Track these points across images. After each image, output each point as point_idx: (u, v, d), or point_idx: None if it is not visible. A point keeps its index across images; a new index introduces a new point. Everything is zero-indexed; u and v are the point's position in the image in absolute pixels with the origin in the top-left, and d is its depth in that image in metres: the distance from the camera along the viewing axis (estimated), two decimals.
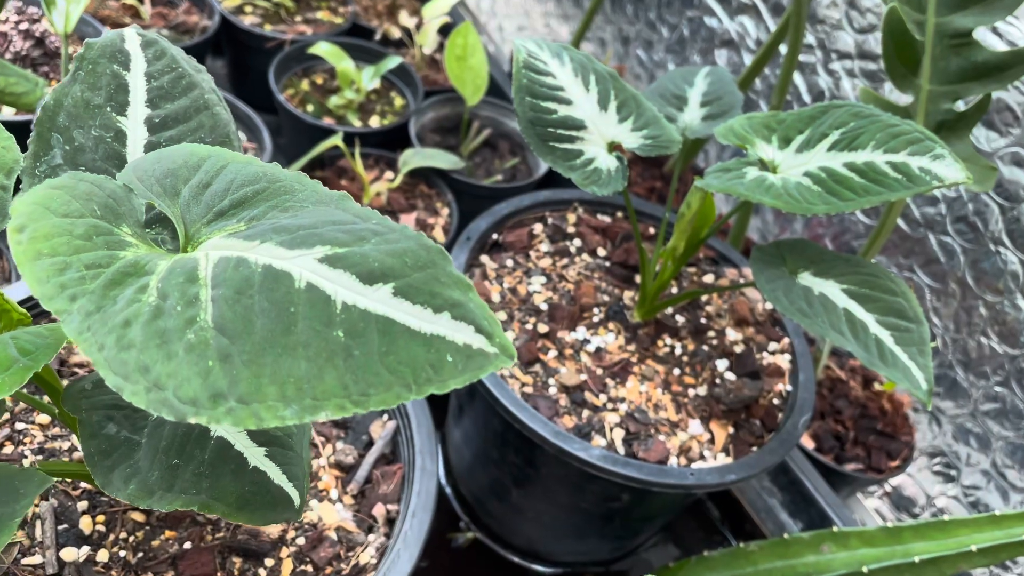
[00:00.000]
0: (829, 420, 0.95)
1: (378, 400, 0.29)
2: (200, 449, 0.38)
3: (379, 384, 0.29)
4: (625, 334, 0.79)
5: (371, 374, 0.29)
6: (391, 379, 0.29)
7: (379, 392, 0.29)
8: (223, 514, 0.37)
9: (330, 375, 0.29)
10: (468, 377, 0.30)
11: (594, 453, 0.66)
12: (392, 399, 0.29)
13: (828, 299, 0.64)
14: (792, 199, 0.60)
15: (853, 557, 0.78)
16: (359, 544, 0.59)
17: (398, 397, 0.29)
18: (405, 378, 0.30)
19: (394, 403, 0.29)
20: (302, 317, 0.30)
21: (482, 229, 0.83)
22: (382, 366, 0.30)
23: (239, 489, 0.38)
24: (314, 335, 0.30)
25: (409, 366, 0.30)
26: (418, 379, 0.30)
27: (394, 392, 0.29)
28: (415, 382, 0.30)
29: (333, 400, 0.29)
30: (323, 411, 0.29)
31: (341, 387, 0.29)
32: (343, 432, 0.66)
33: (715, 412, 0.75)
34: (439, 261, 0.32)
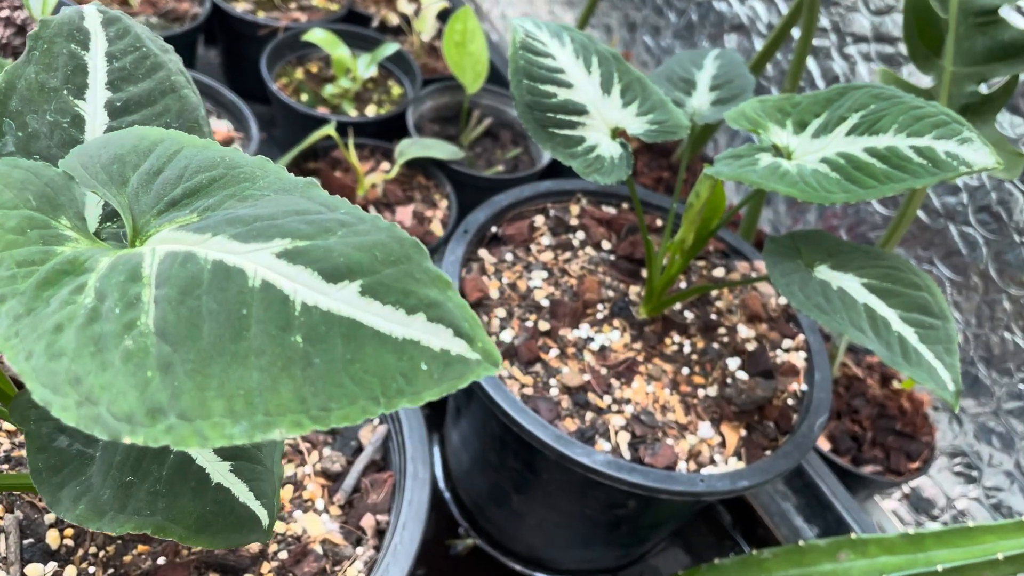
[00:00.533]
0: (846, 420, 0.91)
1: (341, 415, 0.25)
2: (158, 464, 0.35)
3: (342, 397, 0.25)
4: (631, 331, 0.75)
5: (333, 385, 0.26)
6: (356, 391, 0.26)
7: (342, 406, 0.25)
8: (180, 538, 0.34)
9: (286, 387, 0.25)
10: (446, 388, 0.26)
11: (598, 458, 0.62)
12: (357, 414, 0.25)
13: (847, 294, 0.60)
14: (808, 187, 0.56)
15: (872, 565, 0.74)
16: (346, 558, 0.55)
17: (364, 412, 0.25)
18: (372, 390, 0.26)
19: (359, 419, 0.25)
20: (256, 320, 0.26)
21: (480, 221, 0.79)
22: (346, 376, 0.26)
23: (199, 509, 0.34)
24: (269, 341, 0.26)
25: (377, 376, 0.26)
26: (387, 391, 0.26)
27: (359, 406, 0.25)
28: (384, 394, 0.26)
29: (289, 416, 0.25)
30: (277, 428, 0.25)
31: (298, 401, 0.25)
32: (330, 438, 0.62)
33: (726, 414, 0.71)
34: (414, 255, 0.29)
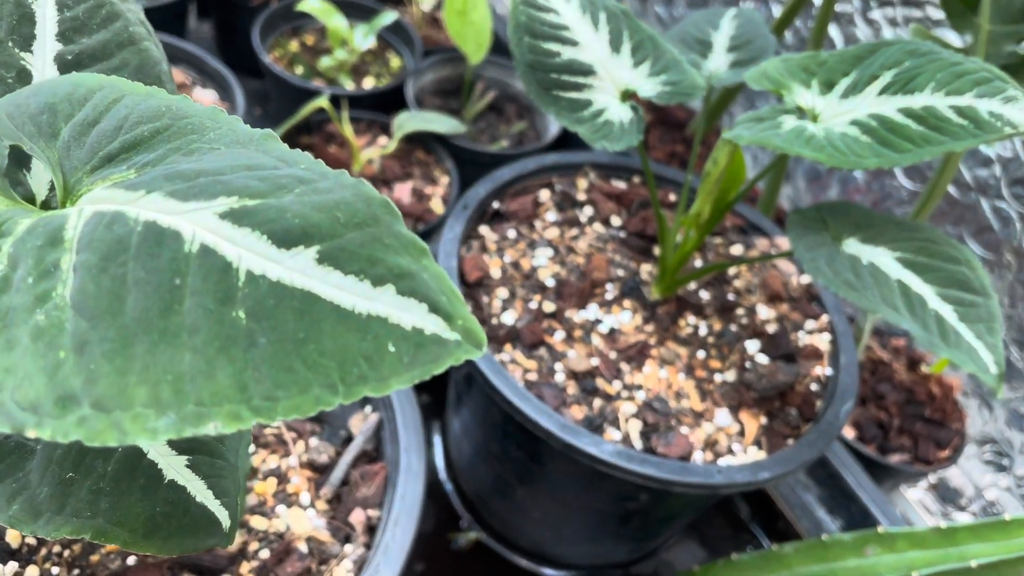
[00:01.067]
0: (871, 406, 0.86)
1: (289, 406, 0.21)
2: (103, 459, 0.30)
3: (292, 384, 0.21)
4: (642, 313, 0.71)
5: (281, 370, 0.21)
6: (309, 377, 0.21)
7: (291, 395, 0.21)
8: (124, 543, 0.29)
9: (224, 372, 0.21)
10: (418, 373, 0.22)
11: (607, 448, 0.58)
12: (309, 405, 0.21)
13: (879, 269, 0.55)
14: (837, 152, 0.51)
15: (901, 561, 0.70)
16: (333, 556, 0.51)
17: (318, 402, 0.21)
18: (329, 375, 0.21)
19: (311, 410, 0.21)
20: (191, 292, 0.22)
21: (481, 196, 0.74)
22: (298, 359, 0.21)
23: (148, 510, 0.30)
24: (205, 317, 0.22)
25: (335, 359, 0.21)
26: (347, 376, 0.21)
27: (312, 395, 0.21)
28: (343, 381, 0.21)
29: (226, 406, 0.21)
30: (211, 421, 0.20)
31: (238, 388, 0.21)
32: (318, 427, 0.58)
33: (745, 400, 0.66)
34: (383, 217, 0.24)
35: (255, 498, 0.52)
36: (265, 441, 0.55)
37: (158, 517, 0.30)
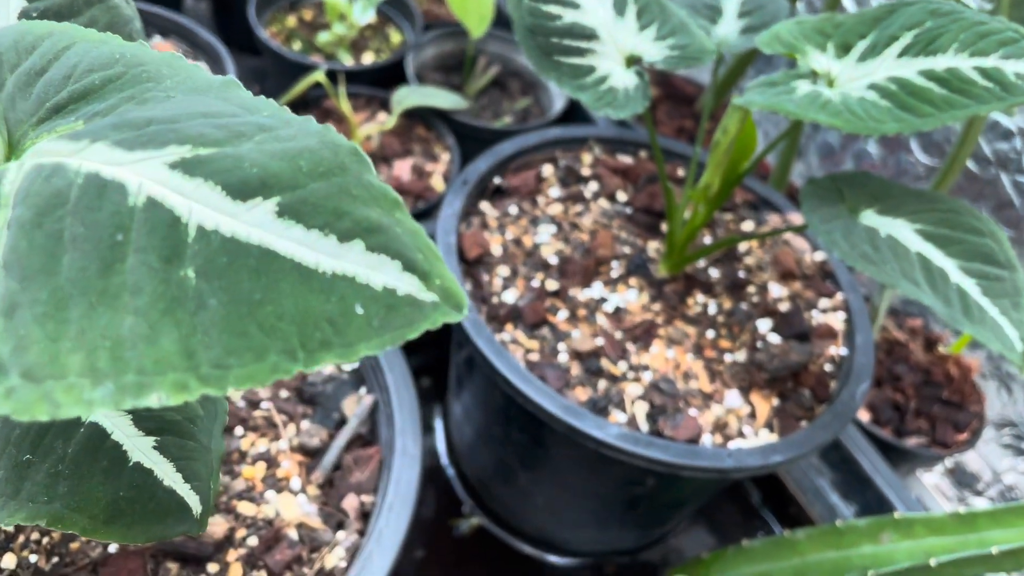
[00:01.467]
0: (887, 388, 0.83)
1: (242, 374, 0.18)
2: (64, 440, 0.28)
3: (245, 350, 0.19)
4: (649, 291, 0.68)
5: (234, 335, 0.19)
6: (265, 342, 0.19)
7: (245, 363, 0.18)
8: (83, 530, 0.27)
9: (169, 337, 0.19)
10: (390, 338, 0.19)
11: (611, 431, 0.55)
12: (265, 373, 0.18)
13: (898, 242, 0.52)
14: (854, 117, 0.48)
15: (918, 547, 0.67)
16: (325, 544, 0.49)
17: (274, 370, 0.19)
18: (288, 340, 0.19)
19: (267, 379, 0.18)
20: (135, 249, 0.19)
21: (482, 171, 0.72)
22: (252, 323, 0.19)
23: (110, 494, 0.28)
24: (149, 276, 0.19)
25: (296, 322, 0.19)
26: (309, 342, 0.19)
27: (268, 363, 0.19)
28: (304, 347, 0.19)
29: (170, 375, 0.18)
30: (153, 392, 0.18)
31: (184, 355, 0.18)
32: (310, 409, 0.55)
33: (756, 381, 0.63)
34: (352, 166, 0.21)
35: (243, 483, 0.50)
36: (254, 424, 0.53)
37: (121, 502, 0.28)
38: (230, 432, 0.52)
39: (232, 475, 0.50)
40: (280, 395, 0.55)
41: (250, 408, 0.54)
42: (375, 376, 0.57)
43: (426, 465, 0.83)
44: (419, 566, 0.75)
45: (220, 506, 0.48)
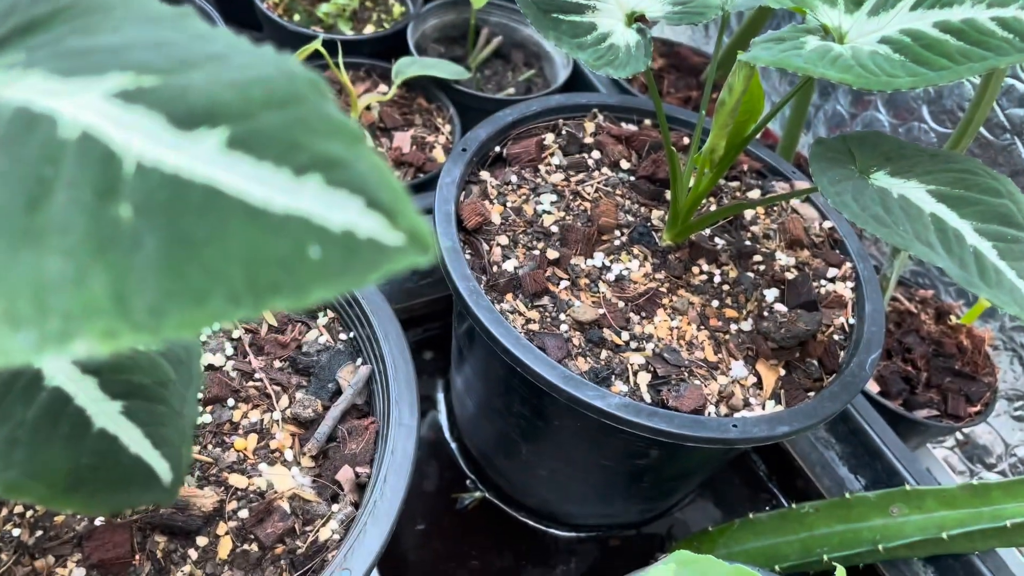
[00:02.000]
0: (897, 360, 0.81)
1: (180, 320, 0.17)
2: (23, 404, 0.27)
3: (184, 294, 0.17)
4: (653, 260, 0.66)
5: (172, 277, 0.17)
6: (207, 285, 0.17)
7: (183, 307, 0.17)
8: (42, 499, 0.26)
9: (99, 279, 0.17)
10: (348, 281, 0.18)
11: (613, 401, 0.54)
12: (205, 317, 0.17)
13: (911, 203, 0.50)
14: (866, 72, 0.46)
15: (930, 520, 0.65)
16: (319, 516, 0.48)
17: (217, 314, 0.17)
18: (232, 283, 0.17)
19: (206, 323, 0.17)
20: (65, 185, 0.18)
21: (481, 139, 0.70)
22: (194, 264, 0.17)
23: (71, 461, 0.26)
24: (80, 213, 0.17)
25: (242, 263, 0.17)
26: (256, 284, 0.17)
27: (210, 307, 0.17)
28: (250, 290, 0.17)
29: (99, 321, 0.16)
30: (79, 339, 0.16)
31: (115, 299, 0.17)
32: (304, 379, 0.54)
33: (763, 351, 0.61)
34: (310, 95, 0.20)
35: (234, 455, 0.49)
36: (246, 395, 0.52)
37: (83, 470, 0.26)
38: (221, 403, 0.51)
39: (223, 447, 0.49)
40: (274, 365, 0.54)
41: (242, 379, 0.53)
42: (371, 347, 0.56)
43: (429, 439, 0.82)
44: (422, 540, 0.74)
45: (210, 478, 0.47)
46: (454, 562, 0.73)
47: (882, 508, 0.66)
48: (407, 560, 0.72)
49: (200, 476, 0.47)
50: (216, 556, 0.44)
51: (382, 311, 0.56)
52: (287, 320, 0.56)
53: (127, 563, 0.42)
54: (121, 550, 0.42)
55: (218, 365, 0.52)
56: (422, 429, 0.82)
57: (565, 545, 0.76)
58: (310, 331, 0.56)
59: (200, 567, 0.44)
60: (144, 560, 0.43)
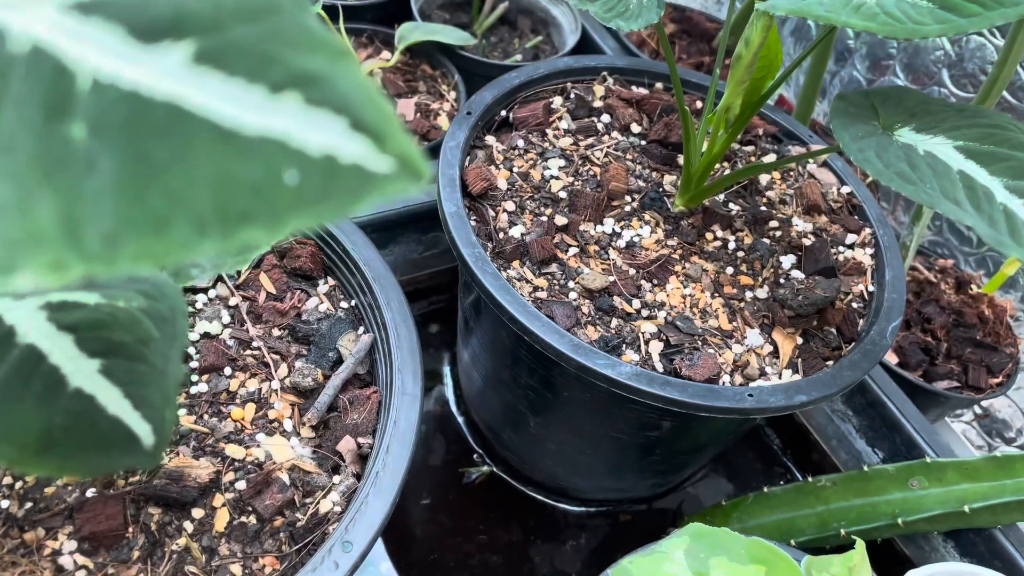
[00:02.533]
0: (916, 330, 0.79)
1: (137, 250, 0.15)
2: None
3: (142, 221, 0.15)
4: (664, 226, 0.64)
5: (129, 202, 0.15)
6: (168, 212, 0.15)
7: (141, 235, 0.15)
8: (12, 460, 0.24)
9: (46, 204, 0.15)
10: (329, 209, 0.16)
11: (624, 370, 0.52)
12: (166, 248, 0.15)
13: (937, 159, 0.47)
14: (892, 19, 0.44)
15: (950, 494, 0.63)
16: (319, 488, 0.46)
17: (179, 245, 0.15)
18: (197, 210, 0.15)
19: (169, 255, 0.15)
20: (12, 103, 0.16)
21: (487, 102, 0.67)
22: (154, 188, 0.15)
23: (43, 422, 0.24)
24: (27, 133, 0.16)
25: (209, 189, 0.15)
26: (225, 212, 0.15)
27: (172, 237, 0.15)
28: (219, 218, 0.15)
29: (46, 250, 0.15)
30: (22, 270, 0.14)
31: (64, 226, 0.15)
32: (304, 348, 0.52)
33: (779, 319, 0.59)
34: (287, 5, 0.18)
35: (231, 425, 0.47)
36: (244, 363, 0.50)
37: (56, 431, 0.25)
38: (218, 372, 0.49)
39: (220, 416, 0.47)
40: (272, 334, 0.52)
41: (240, 347, 0.51)
42: (373, 314, 0.54)
43: (435, 413, 0.80)
44: (428, 515, 0.73)
45: (206, 448, 0.46)
46: (461, 537, 0.71)
47: (902, 481, 0.65)
48: (413, 535, 0.71)
49: (196, 446, 0.45)
50: (212, 528, 0.43)
51: (384, 278, 0.54)
52: (286, 288, 0.54)
53: (120, 535, 0.41)
54: (113, 522, 0.41)
55: (214, 333, 0.50)
56: (428, 403, 0.80)
57: (575, 520, 0.75)
58: (310, 299, 0.55)
59: (196, 540, 0.42)
60: (137, 532, 0.42)
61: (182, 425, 0.46)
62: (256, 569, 0.42)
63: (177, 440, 0.45)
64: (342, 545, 0.41)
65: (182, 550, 0.42)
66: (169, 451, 0.44)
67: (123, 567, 0.40)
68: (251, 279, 0.54)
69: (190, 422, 0.46)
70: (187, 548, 0.42)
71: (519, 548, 0.72)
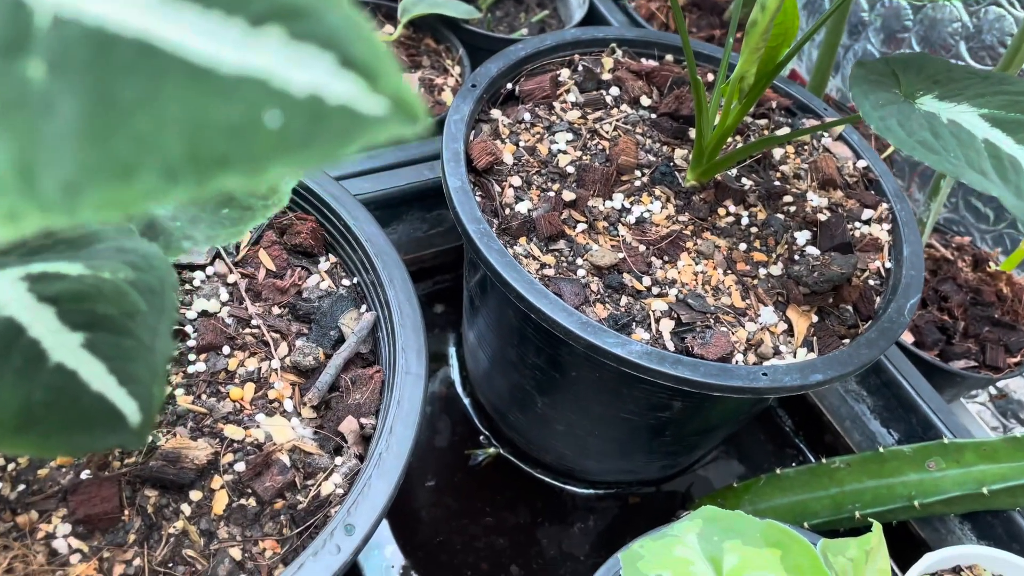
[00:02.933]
0: (933, 309, 0.77)
1: (102, 199, 0.13)
2: None
3: (106, 166, 0.13)
4: (675, 201, 0.62)
5: (93, 147, 0.13)
6: (136, 157, 0.13)
7: (105, 183, 0.13)
8: None
9: (1, 150, 0.13)
10: (314, 155, 0.14)
11: (634, 349, 0.50)
12: (133, 196, 0.13)
13: (961, 128, 0.45)
14: None
15: (968, 475, 0.62)
16: (321, 470, 0.45)
17: (146, 193, 0.13)
18: (167, 155, 0.14)
19: (135, 204, 0.13)
20: None
21: (492, 75, 0.65)
22: (120, 132, 0.14)
23: (21, 398, 0.23)
24: None
25: (180, 132, 0.14)
26: (198, 157, 0.14)
27: (139, 184, 0.13)
28: (191, 163, 0.14)
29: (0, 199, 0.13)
30: None
31: (19, 174, 0.13)
32: (304, 327, 0.51)
33: (794, 296, 0.58)
34: None
35: (230, 405, 0.46)
36: (243, 342, 0.49)
37: (36, 408, 0.23)
38: (216, 351, 0.48)
39: (218, 396, 0.46)
40: (272, 312, 0.51)
41: (239, 325, 0.49)
42: (376, 292, 0.52)
43: (440, 395, 0.79)
44: (434, 498, 0.71)
45: (204, 429, 0.44)
46: (467, 519, 0.70)
47: (918, 462, 0.63)
48: (418, 518, 0.70)
49: (193, 427, 0.44)
50: (211, 511, 0.42)
51: (387, 254, 0.53)
52: (286, 265, 0.53)
53: (115, 518, 0.40)
54: (109, 505, 0.40)
55: (212, 311, 0.49)
56: (433, 385, 0.79)
57: (583, 502, 0.74)
58: (310, 276, 0.53)
59: (194, 523, 0.41)
60: (133, 515, 0.40)
61: (179, 405, 0.44)
62: (256, 553, 0.41)
63: (174, 421, 0.44)
64: (344, 528, 0.40)
65: (179, 533, 0.41)
66: (166, 432, 0.43)
67: (119, 551, 0.39)
68: (250, 256, 0.53)
69: (187, 402, 0.45)
70: (185, 531, 0.41)
71: (526, 531, 0.71)
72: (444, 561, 0.67)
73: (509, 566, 0.68)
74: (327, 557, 0.39)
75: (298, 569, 0.38)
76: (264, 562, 0.41)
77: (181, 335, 0.47)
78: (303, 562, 0.38)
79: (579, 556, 0.70)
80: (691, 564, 0.43)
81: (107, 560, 0.39)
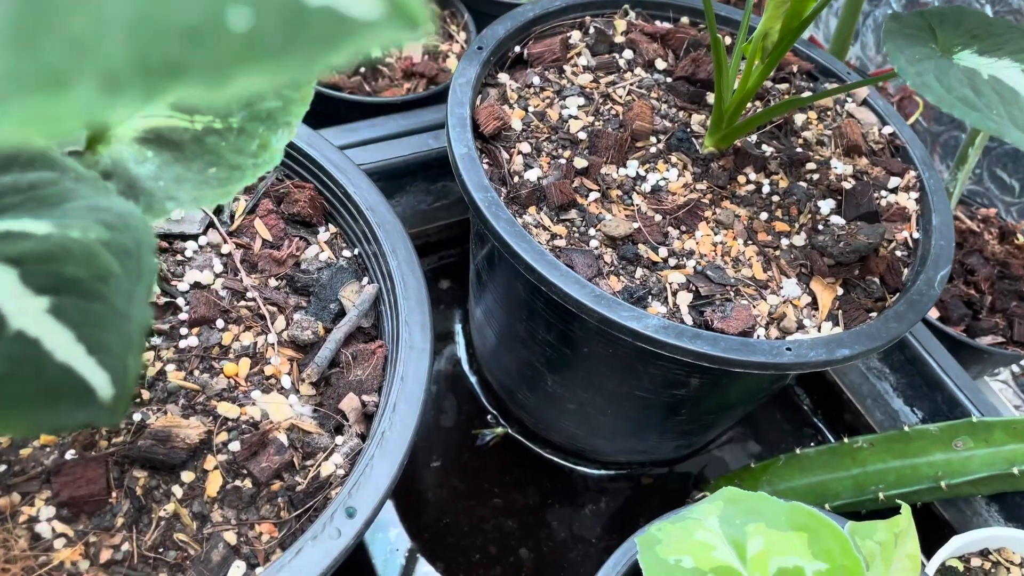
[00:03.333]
0: (959, 283, 0.74)
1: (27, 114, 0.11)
2: None
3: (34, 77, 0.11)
4: (693, 169, 0.59)
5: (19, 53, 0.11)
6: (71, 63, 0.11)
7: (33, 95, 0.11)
8: None
9: None
10: (291, 64, 0.11)
11: (650, 323, 0.47)
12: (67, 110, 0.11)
13: (1004, 84, 0.42)
14: None
15: (998, 455, 0.59)
16: (320, 449, 0.42)
17: (86, 105, 0.11)
18: (109, 61, 0.11)
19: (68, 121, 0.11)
20: None
21: (500, 37, 0.62)
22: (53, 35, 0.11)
23: None
24: None
25: (125, 34, 0.11)
26: (146, 63, 0.11)
27: (76, 95, 0.11)
28: (138, 71, 0.11)
29: None
30: None
31: None
32: (303, 300, 0.48)
33: (818, 267, 0.55)
34: None
35: (224, 381, 0.43)
36: (237, 315, 0.46)
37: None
38: (209, 324, 0.45)
39: (211, 372, 0.44)
40: (268, 284, 0.48)
41: (233, 298, 0.47)
42: (378, 263, 0.50)
43: (446, 373, 0.76)
44: (440, 479, 0.69)
45: (196, 407, 0.42)
46: (474, 500, 0.68)
47: (945, 442, 0.60)
48: (424, 499, 0.68)
49: (185, 404, 0.42)
50: (204, 493, 0.39)
51: (390, 224, 0.50)
52: (283, 234, 0.50)
53: (102, 501, 0.37)
54: (95, 486, 0.37)
55: (206, 283, 0.46)
56: (439, 363, 0.77)
57: (594, 483, 0.71)
58: (309, 247, 0.50)
59: (186, 505, 0.39)
60: (121, 497, 0.38)
61: (170, 381, 0.42)
62: (252, 537, 0.39)
63: (164, 398, 0.41)
64: (345, 511, 0.38)
65: (170, 516, 0.38)
66: (156, 409, 0.41)
67: (106, 535, 0.37)
68: (245, 225, 0.50)
69: (179, 378, 0.42)
70: (176, 514, 0.38)
71: (535, 512, 0.68)
72: (451, 543, 0.65)
73: (518, 549, 0.66)
74: (327, 541, 0.37)
75: (296, 554, 0.36)
76: (260, 547, 0.39)
77: (172, 308, 0.45)
78: (302, 547, 0.36)
79: (590, 539, 0.68)
80: (713, 549, 0.40)
81: (93, 545, 0.37)
